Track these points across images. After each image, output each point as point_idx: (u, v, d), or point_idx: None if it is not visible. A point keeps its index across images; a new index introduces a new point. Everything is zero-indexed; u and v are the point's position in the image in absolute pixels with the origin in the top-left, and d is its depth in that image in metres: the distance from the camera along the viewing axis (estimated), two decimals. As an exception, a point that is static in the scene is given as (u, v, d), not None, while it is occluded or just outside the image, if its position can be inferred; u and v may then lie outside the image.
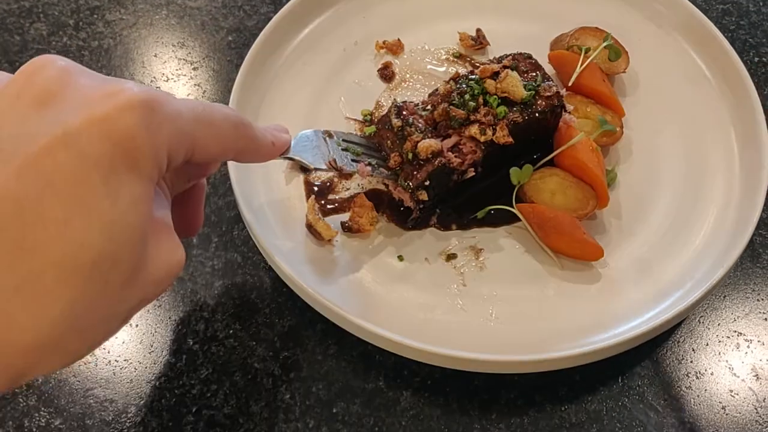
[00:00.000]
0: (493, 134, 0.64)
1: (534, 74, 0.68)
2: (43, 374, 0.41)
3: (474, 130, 0.64)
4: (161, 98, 0.41)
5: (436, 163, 0.63)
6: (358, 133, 0.71)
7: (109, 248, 0.38)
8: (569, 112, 0.69)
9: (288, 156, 0.57)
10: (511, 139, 0.64)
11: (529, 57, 0.70)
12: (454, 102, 0.65)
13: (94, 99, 0.39)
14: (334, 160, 0.61)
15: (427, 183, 0.63)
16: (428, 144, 0.63)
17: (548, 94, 0.66)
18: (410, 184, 0.63)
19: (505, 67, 0.67)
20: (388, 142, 0.65)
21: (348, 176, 0.68)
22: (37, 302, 0.37)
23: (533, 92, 0.66)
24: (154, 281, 0.43)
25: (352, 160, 0.63)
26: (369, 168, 0.63)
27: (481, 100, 0.65)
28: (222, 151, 0.48)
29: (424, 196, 0.64)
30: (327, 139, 0.63)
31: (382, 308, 0.62)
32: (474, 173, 0.65)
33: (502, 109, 0.65)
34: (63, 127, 0.38)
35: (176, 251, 0.45)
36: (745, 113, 0.71)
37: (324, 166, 0.61)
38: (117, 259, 0.39)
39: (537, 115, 0.66)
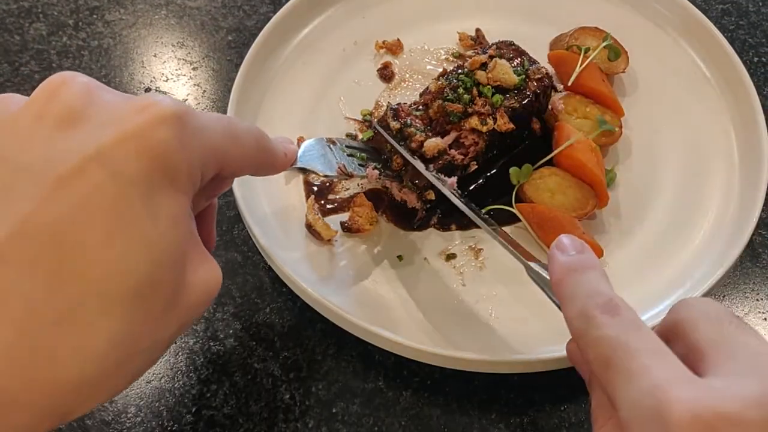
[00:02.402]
0: (494, 123, 0.65)
1: (520, 59, 0.69)
2: (86, 412, 0.38)
3: (474, 121, 0.65)
4: (191, 111, 0.39)
5: (442, 161, 0.63)
6: (359, 133, 0.71)
7: (151, 272, 0.36)
8: (560, 92, 0.70)
9: (298, 166, 0.56)
10: (512, 125, 0.65)
11: (512, 44, 0.71)
12: (448, 98, 0.66)
13: (123, 115, 0.37)
14: (344, 166, 0.61)
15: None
16: (435, 143, 0.63)
17: (538, 76, 0.68)
18: (418, 183, 0.63)
19: (491, 56, 0.68)
20: (388, 145, 0.65)
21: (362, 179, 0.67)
22: (80, 336, 0.35)
23: (524, 76, 0.67)
24: (194, 304, 0.41)
25: (359, 165, 0.63)
26: (376, 172, 0.63)
27: (475, 91, 0.66)
28: (246, 165, 0.47)
29: (431, 195, 0.64)
30: (331, 146, 0.63)
31: (382, 308, 0.62)
32: (476, 166, 0.66)
33: (497, 97, 0.66)
34: (95, 145, 0.36)
35: (213, 270, 0.43)
36: (745, 113, 0.71)
37: (334, 173, 0.60)
38: (159, 283, 0.37)
39: (531, 98, 0.67)
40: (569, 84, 0.71)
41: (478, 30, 0.79)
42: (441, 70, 0.77)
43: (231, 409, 0.59)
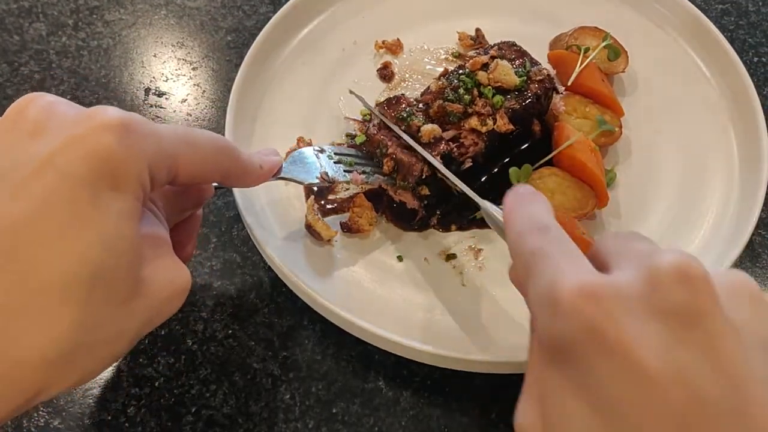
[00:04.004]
0: (494, 124, 0.65)
1: (522, 60, 0.69)
2: (59, 392, 0.43)
3: (474, 122, 0.65)
4: (139, 119, 0.43)
5: (440, 149, 0.63)
6: (358, 132, 0.71)
7: (107, 261, 0.40)
8: (561, 93, 0.70)
9: (281, 176, 0.59)
10: (512, 126, 0.65)
11: (513, 44, 0.71)
12: (448, 98, 0.65)
13: (73, 123, 0.42)
14: (326, 173, 0.62)
15: (424, 176, 0.63)
16: (431, 128, 0.63)
17: (540, 77, 0.68)
18: (410, 181, 0.63)
19: (493, 57, 0.68)
20: (378, 150, 0.66)
21: (347, 184, 0.68)
22: (43, 320, 0.39)
23: (525, 78, 0.67)
24: (160, 300, 0.45)
25: (345, 171, 0.64)
26: (362, 176, 0.64)
27: (475, 92, 0.66)
28: (206, 172, 0.50)
29: (425, 190, 0.64)
30: (319, 154, 0.64)
31: (381, 308, 0.61)
32: (472, 163, 0.66)
33: (498, 98, 0.66)
34: (47, 150, 0.40)
35: (180, 271, 0.47)
36: (745, 113, 0.71)
37: (316, 180, 0.62)
38: (115, 272, 0.41)
39: (532, 99, 0.67)
40: (569, 84, 0.71)
41: (477, 30, 0.79)
42: (441, 69, 0.77)
43: (231, 409, 0.59)
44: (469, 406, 0.60)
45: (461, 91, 0.66)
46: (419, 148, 0.63)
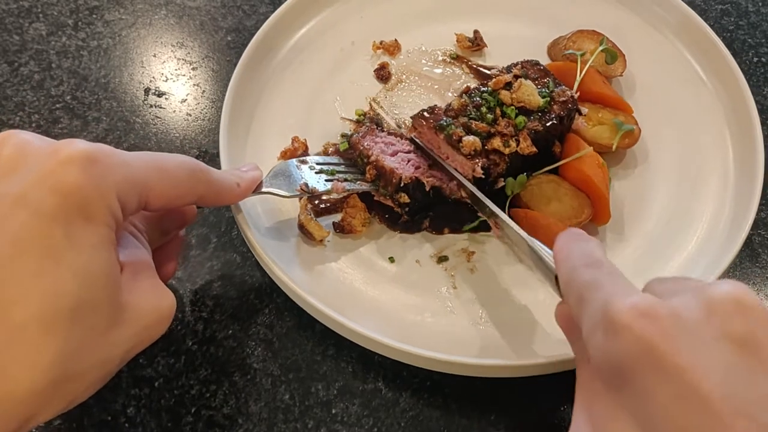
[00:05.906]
0: (517, 145, 0.64)
1: (545, 80, 0.68)
2: (50, 418, 0.44)
3: (497, 142, 0.63)
4: (104, 150, 0.44)
5: (479, 160, 0.63)
6: (352, 132, 0.71)
7: (84, 294, 0.41)
8: (583, 115, 0.69)
9: (262, 191, 0.60)
10: (535, 149, 0.64)
11: (537, 63, 0.70)
12: (471, 116, 0.65)
13: (41, 159, 0.43)
14: (305, 184, 0.63)
15: (403, 185, 0.63)
16: (473, 140, 0.63)
17: (563, 98, 0.66)
18: (389, 189, 0.64)
19: (516, 76, 0.67)
20: (360, 159, 0.66)
21: (328, 194, 0.67)
22: (27, 354, 0.40)
23: (548, 98, 0.66)
24: (144, 326, 0.46)
25: (326, 180, 0.64)
26: (344, 184, 0.64)
27: (498, 111, 0.65)
28: (178, 197, 0.50)
29: (404, 198, 0.64)
30: (301, 165, 0.65)
31: (372, 310, 0.62)
32: (503, 183, 0.65)
33: (521, 119, 0.65)
34: (17, 188, 0.41)
35: (163, 296, 0.48)
36: (741, 115, 0.71)
37: (297, 193, 0.62)
38: (94, 302, 0.42)
39: (555, 121, 0.65)
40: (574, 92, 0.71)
41: (476, 32, 0.79)
42: (438, 71, 0.77)
43: (230, 409, 0.59)
44: (468, 408, 0.60)
45: (483, 109, 0.65)
46: (450, 168, 0.64)
